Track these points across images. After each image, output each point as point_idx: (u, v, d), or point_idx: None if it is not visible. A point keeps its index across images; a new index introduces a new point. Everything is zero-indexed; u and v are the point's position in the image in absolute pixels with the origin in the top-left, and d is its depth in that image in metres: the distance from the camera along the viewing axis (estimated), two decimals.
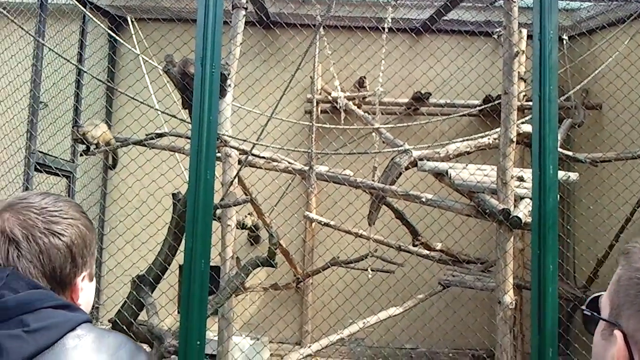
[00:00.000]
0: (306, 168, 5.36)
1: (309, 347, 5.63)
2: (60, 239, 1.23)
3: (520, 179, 5.11)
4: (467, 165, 5.36)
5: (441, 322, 6.66)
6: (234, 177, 4.91)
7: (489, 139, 5.83)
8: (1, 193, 5.47)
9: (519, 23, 4.81)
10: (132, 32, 6.57)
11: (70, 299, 1.26)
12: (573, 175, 5.66)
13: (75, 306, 1.22)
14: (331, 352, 6.71)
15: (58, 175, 6.02)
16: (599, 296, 1.03)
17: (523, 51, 6.34)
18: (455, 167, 5.30)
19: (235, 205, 4.87)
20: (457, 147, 5.70)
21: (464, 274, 6.08)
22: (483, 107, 6.66)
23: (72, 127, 5.72)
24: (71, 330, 1.14)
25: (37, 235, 1.21)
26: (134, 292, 4.23)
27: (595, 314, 1.00)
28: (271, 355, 6.81)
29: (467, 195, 5.17)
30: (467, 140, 5.86)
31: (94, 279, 1.36)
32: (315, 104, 6.74)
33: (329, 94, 7.06)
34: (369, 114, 6.92)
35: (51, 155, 5.97)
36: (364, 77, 7.00)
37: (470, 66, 6.76)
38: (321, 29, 6.13)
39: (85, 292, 1.30)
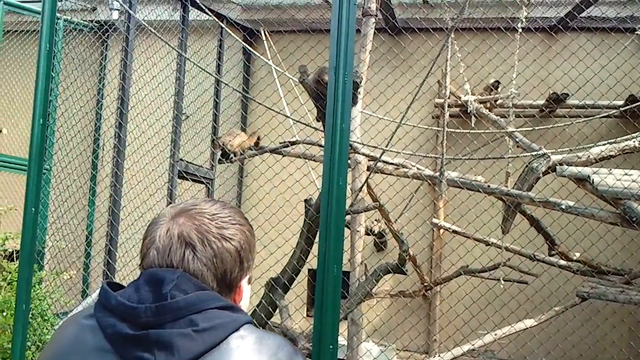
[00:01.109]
0: (436, 174, 5.29)
1: (439, 356, 5.54)
2: (231, 243, 1.30)
3: None
4: (611, 170, 5.02)
5: (582, 337, 6.27)
6: (363, 184, 4.96)
7: (635, 141, 5.42)
8: (150, 199, 5.92)
9: None
10: (267, 45, 6.85)
11: (233, 300, 1.34)
12: None
13: (238, 307, 1.28)
14: None
15: (200, 182, 6.42)
16: None
17: None
18: (599, 172, 4.98)
19: (365, 212, 4.92)
20: (600, 151, 5.36)
21: (607, 286, 5.68)
22: (628, 107, 6.19)
23: (212, 137, 6.08)
24: (235, 330, 1.20)
25: (212, 240, 1.28)
26: (269, 294, 4.40)
27: None
28: None
29: (612, 202, 4.84)
30: (612, 143, 5.48)
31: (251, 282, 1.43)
32: (445, 109, 6.64)
33: (459, 98, 6.92)
34: (502, 117, 6.69)
35: (193, 164, 6.38)
36: (498, 81, 6.78)
37: (615, 64, 6.33)
38: (452, 32, 6.04)
39: (245, 294, 1.38)
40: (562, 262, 5.86)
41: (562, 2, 6.84)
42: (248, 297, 1.41)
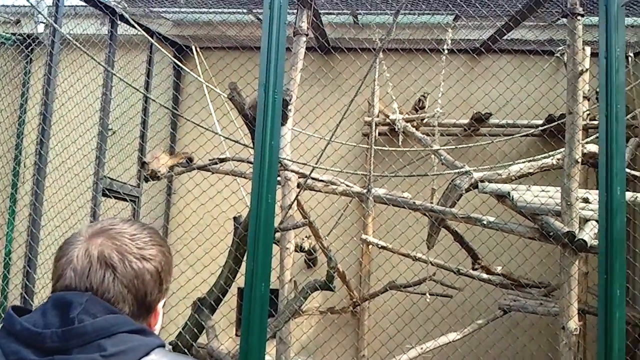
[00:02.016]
0: (364, 191, 5.38)
1: None
2: (151, 264, 1.28)
3: (586, 200, 4.96)
4: (530, 186, 5.25)
5: (503, 349, 6.48)
6: (293, 201, 4.99)
7: (552, 159, 5.70)
8: (72, 218, 5.73)
9: (583, 41, 4.72)
10: (197, 61, 6.80)
11: (149, 324, 1.32)
12: None
13: (149, 331, 1.26)
14: None
15: (125, 200, 6.26)
16: None
17: (587, 69, 6.18)
18: (518, 188, 5.20)
19: (294, 229, 4.94)
20: (519, 169, 5.60)
21: (527, 298, 5.91)
22: (546, 127, 6.51)
23: (140, 158, 5.96)
24: (146, 355, 1.18)
25: (133, 260, 1.26)
26: (195, 315, 4.33)
27: None
28: None
29: (530, 218, 5.06)
30: (530, 161, 5.74)
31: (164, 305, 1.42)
32: (373, 127, 6.77)
33: (387, 116, 7.07)
34: (428, 135, 6.88)
35: (119, 181, 6.22)
36: (424, 96, 6.97)
37: (533, 85, 6.65)
38: (380, 52, 6.19)
39: (160, 317, 1.36)
40: (485, 276, 6.05)
41: (485, 26, 7.12)
42: (161, 319, 1.39)
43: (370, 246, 6.90)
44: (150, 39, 6.23)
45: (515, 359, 6.54)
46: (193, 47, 7.07)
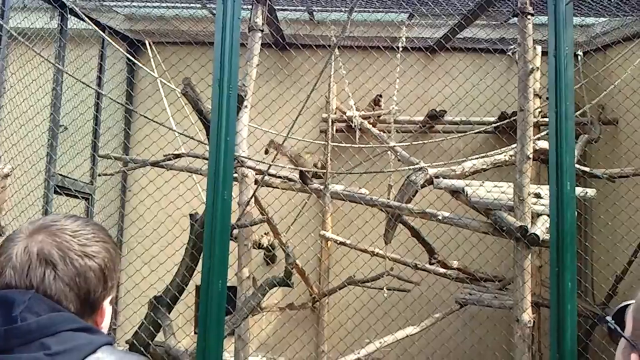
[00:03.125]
0: (322, 187, 5.39)
1: None
2: (94, 261, 1.25)
3: (537, 195, 5.09)
4: (483, 182, 5.35)
5: (459, 342, 6.59)
6: (251, 197, 4.95)
7: (505, 155, 5.82)
8: (22, 216, 5.56)
9: (533, 40, 4.82)
10: (151, 56, 6.68)
11: (95, 322, 1.28)
12: (590, 192, 5.62)
13: (96, 329, 1.23)
14: None
15: (77, 197, 6.11)
16: (627, 306, 0.98)
17: (538, 68, 6.34)
18: (471, 184, 5.29)
19: (252, 225, 4.90)
20: (473, 165, 5.70)
21: (482, 292, 6.03)
22: (498, 124, 6.65)
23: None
24: (92, 353, 1.15)
25: (74, 258, 1.22)
26: (151, 313, 4.26)
27: (619, 329, 0.96)
28: None
29: (483, 213, 5.15)
30: (483, 157, 5.86)
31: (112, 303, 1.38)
32: (330, 124, 6.78)
33: (344, 113, 7.10)
34: (384, 132, 6.94)
35: (70, 178, 6.06)
36: (380, 96, 7.03)
37: (486, 83, 6.77)
38: (336, 49, 6.20)
39: (107, 315, 1.33)
40: (441, 270, 6.14)
41: (439, 24, 7.22)
42: (109, 317, 1.36)
43: (328, 242, 6.93)
44: (101, 33, 6.08)
45: (471, 352, 6.67)
46: (146, 42, 6.94)
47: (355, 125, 6.87)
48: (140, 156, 5.89)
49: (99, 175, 6.05)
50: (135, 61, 5.92)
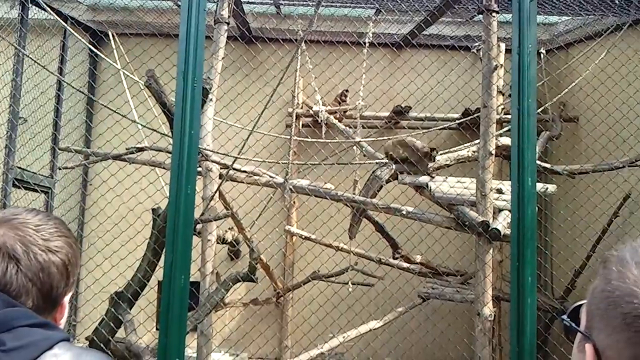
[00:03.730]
0: (287, 182, 5.37)
1: None
2: (58, 256, 1.22)
3: (499, 191, 5.16)
4: (447, 178, 5.41)
5: (421, 335, 6.67)
6: (215, 192, 4.91)
7: (468, 151, 5.89)
8: None
9: (497, 37, 4.88)
10: (114, 47, 6.55)
11: (54, 318, 1.25)
12: (551, 187, 5.73)
13: (53, 324, 1.20)
14: None
15: (36, 191, 5.97)
16: (580, 305, 1.00)
17: (501, 65, 6.42)
18: (435, 180, 5.34)
19: (215, 220, 4.86)
20: (437, 160, 5.75)
21: (444, 286, 6.11)
22: (462, 120, 6.72)
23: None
24: (48, 349, 1.12)
25: (38, 252, 1.19)
26: (112, 309, 4.19)
27: (573, 324, 0.97)
28: None
29: (447, 208, 5.21)
30: (447, 153, 5.91)
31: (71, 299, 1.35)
32: (296, 118, 6.77)
33: (310, 107, 7.09)
34: (350, 127, 6.95)
35: (30, 171, 5.91)
36: (346, 91, 7.03)
37: (450, 80, 6.84)
38: (303, 44, 6.18)
39: (66, 311, 1.30)
40: (404, 265, 6.19)
41: (405, 20, 7.25)
42: (66, 313, 1.33)
43: (293, 237, 6.92)
44: (63, 23, 5.94)
45: (433, 345, 6.75)
46: (110, 33, 6.80)
47: (321, 120, 6.87)
48: (102, 149, 5.78)
49: (59, 168, 5.91)
50: (98, 52, 5.80)
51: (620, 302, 0.85)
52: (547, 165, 6.27)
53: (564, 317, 1.00)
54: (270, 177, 5.58)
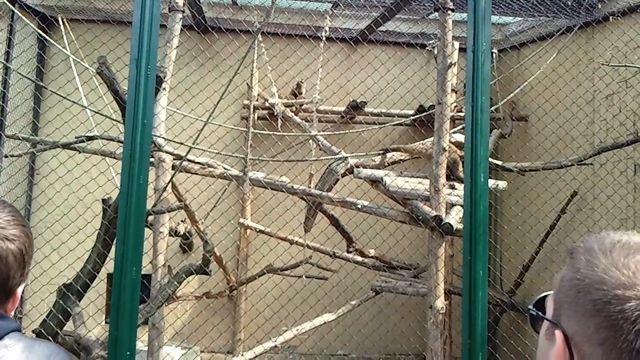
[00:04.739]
0: (242, 174, 5.32)
1: (242, 355, 5.58)
2: (14, 244, 1.17)
3: (452, 186, 5.24)
4: (401, 172, 5.46)
5: (375, 328, 6.73)
6: (168, 183, 4.82)
7: (423, 147, 5.95)
8: None
9: (452, 36, 4.95)
10: (64, 33, 6.35)
11: (6, 309, 1.20)
12: (502, 184, 5.86)
13: (3, 314, 1.15)
14: None
15: None
16: (545, 296, 1.03)
17: (456, 63, 6.51)
18: (390, 174, 5.38)
19: (168, 212, 4.77)
20: (392, 155, 5.80)
21: (397, 280, 6.17)
22: (417, 116, 6.80)
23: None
24: None
25: None
26: (61, 301, 4.07)
27: (540, 313, 1.00)
28: None
29: (401, 202, 5.26)
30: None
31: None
32: (252, 110, 6.70)
33: (266, 100, 7.04)
34: (306, 121, 6.94)
35: None
36: (302, 82, 7.00)
37: (406, 75, 6.89)
38: (259, 35, 6.12)
39: (17, 302, 1.25)
40: (359, 258, 6.23)
41: (362, 15, 7.27)
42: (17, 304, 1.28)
43: (248, 230, 6.87)
44: (10, 6, 5.72)
45: (386, 338, 6.82)
46: (59, 18, 6.58)
47: (277, 113, 6.83)
48: (50, 136, 5.60)
49: (5, 156, 5.70)
50: (47, 37, 5.61)
51: (590, 289, 0.89)
52: (499, 162, 6.40)
53: (530, 307, 1.03)
54: (225, 169, 5.52)
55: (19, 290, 1.23)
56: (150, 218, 4.66)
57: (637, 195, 5.85)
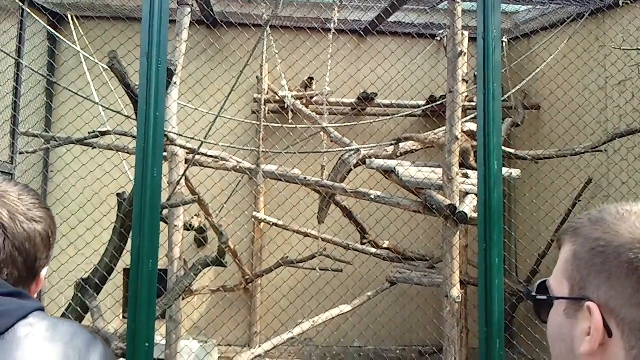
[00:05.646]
0: (255, 167, 5.33)
1: (260, 347, 5.60)
2: (41, 225, 1.18)
3: (466, 175, 5.22)
4: (414, 162, 5.45)
5: (391, 317, 6.73)
6: (181, 177, 4.84)
7: (435, 136, 5.94)
8: None
9: (462, 25, 4.92)
10: (73, 29, 6.38)
11: (30, 290, 1.21)
12: (515, 172, 5.83)
13: (27, 294, 1.16)
14: (281, 352, 6.69)
15: None
16: (545, 281, 1.01)
17: (465, 52, 6.48)
18: (403, 164, 5.37)
19: (183, 205, 4.79)
20: (404, 145, 5.79)
21: (411, 270, 6.17)
22: (429, 106, 6.77)
23: None
24: (23, 318, 1.08)
25: (23, 221, 1.15)
26: (79, 295, 4.10)
27: (552, 296, 0.98)
28: (221, 357, 6.73)
29: (415, 192, 5.25)
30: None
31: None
32: (262, 103, 6.70)
33: (276, 93, 7.04)
34: (317, 113, 6.93)
35: None
36: (312, 78, 7.00)
37: (417, 64, 6.87)
38: (267, 28, 6.12)
39: (40, 286, 1.26)
40: (373, 250, 6.23)
41: (371, 6, 7.24)
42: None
43: (261, 223, 6.89)
44: (20, 4, 5.74)
45: (402, 327, 6.82)
46: (69, 15, 6.60)
47: (287, 106, 6.83)
48: (64, 131, 5.63)
49: (20, 153, 5.75)
50: (57, 34, 5.63)
51: (620, 251, 0.88)
52: (512, 151, 6.36)
53: (535, 293, 1.02)
54: (237, 161, 5.54)
55: (43, 273, 1.24)
56: (165, 212, 4.69)
57: None
